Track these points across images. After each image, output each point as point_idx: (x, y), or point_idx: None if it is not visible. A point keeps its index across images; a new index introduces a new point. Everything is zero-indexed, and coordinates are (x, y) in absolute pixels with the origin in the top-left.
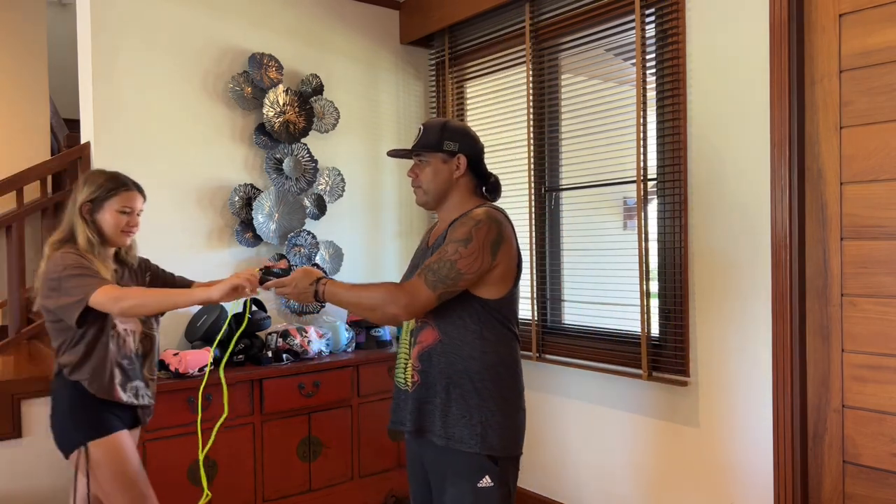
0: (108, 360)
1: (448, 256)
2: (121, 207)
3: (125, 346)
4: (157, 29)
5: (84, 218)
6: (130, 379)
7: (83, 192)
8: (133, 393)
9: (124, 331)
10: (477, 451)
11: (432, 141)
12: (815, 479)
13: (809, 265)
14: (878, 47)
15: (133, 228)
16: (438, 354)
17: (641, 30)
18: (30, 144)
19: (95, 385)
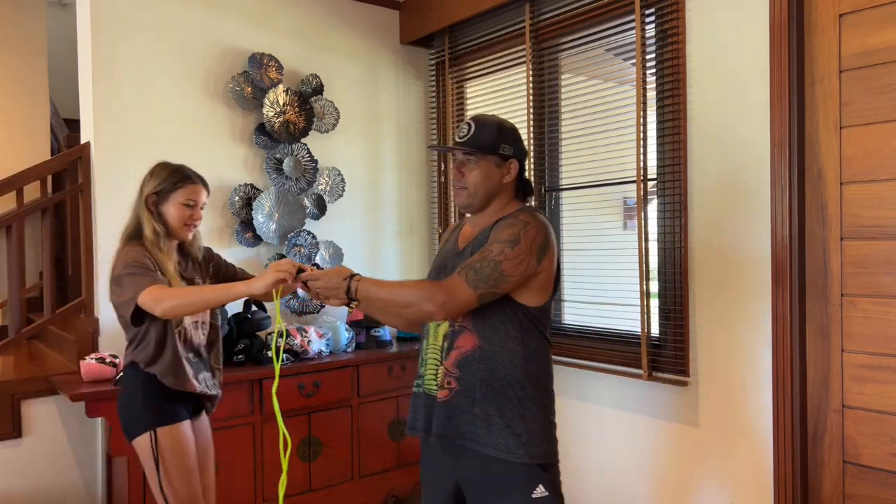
0: (179, 355)
1: (493, 256)
2: (185, 200)
3: (192, 340)
4: (157, 29)
5: (150, 210)
6: (198, 371)
7: (149, 184)
8: (204, 384)
9: (193, 324)
10: (527, 460)
11: (488, 141)
12: (815, 479)
13: (809, 265)
14: (878, 47)
15: (196, 221)
16: (478, 361)
17: (641, 30)
18: (30, 144)
19: (169, 378)
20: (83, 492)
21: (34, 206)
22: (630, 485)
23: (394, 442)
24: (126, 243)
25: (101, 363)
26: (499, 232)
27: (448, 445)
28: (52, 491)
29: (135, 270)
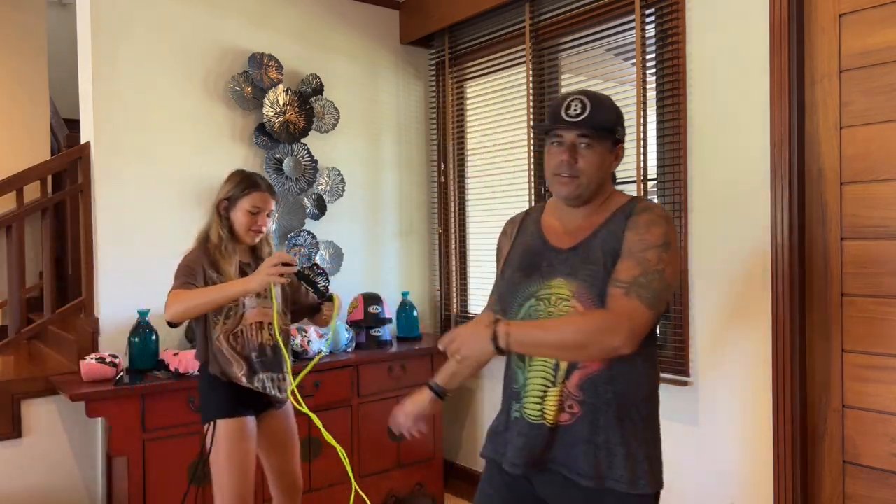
0: (225, 353)
1: (655, 266)
2: (250, 207)
3: (253, 340)
4: (158, 29)
5: (220, 214)
6: (256, 372)
7: (222, 189)
8: (260, 385)
9: (256, 325)
10: (649, 490)
11: (607, 122)
12: (815, 479)
13: (809, 265)
14: (878, 47)
15: (260, 228)
16: (605, 382)
17: (641, 30)
18: (30, 144)
19: (222, 373)
20: (83, 492)
21: (34, 206)
22: None
23: (394, 442)
24: (194, 245)
25: (101, 363)
26: (643, 233)
27: (548, 476)
28: (52, 491)
29: (179, 273)
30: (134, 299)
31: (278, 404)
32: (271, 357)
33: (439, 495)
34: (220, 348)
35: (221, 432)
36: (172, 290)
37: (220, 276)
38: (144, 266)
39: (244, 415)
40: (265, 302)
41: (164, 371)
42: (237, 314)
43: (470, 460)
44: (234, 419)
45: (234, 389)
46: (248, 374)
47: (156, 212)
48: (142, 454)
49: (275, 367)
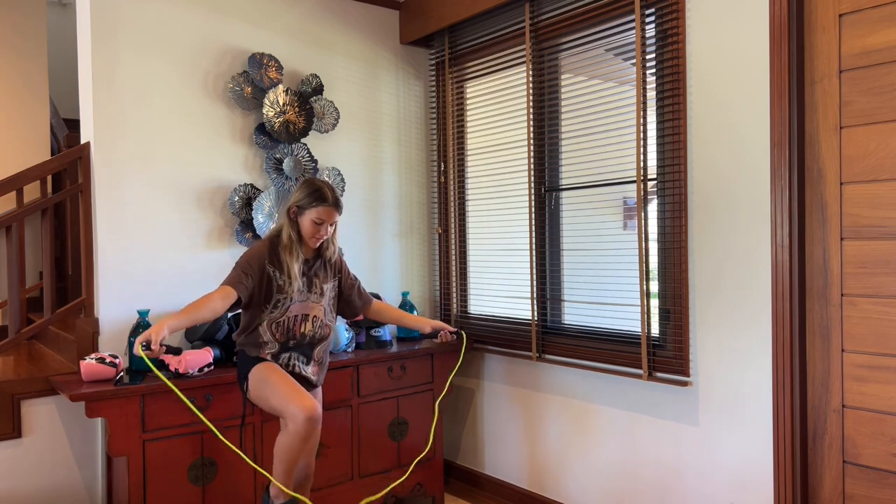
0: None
1: None
2: (316, 218)
3: (296, 330)
4: (158, 29)
5: (290, 218)
6: (292, 354)
7: (295, 195)
8: (284, 362)
9: (301, 316)
10: None
11: None
12: (815, 479)
13: (809, 265)
14: (878, 47)
15: (322, 237)
16: None
17: (641, 30)
18: (30, 144)
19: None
20: (83, 492)
21: (34, 206)
22: (630, 485)
23: (394, 442)
24: (265, 238)
25: (101, 363)
26: None
27: None
28: (52, 491)
29: (235, 266)
30: (134, 299)
31: (311, 385)
32: (307, 346)
33: (439, 495)
34: (261, 333)
35: (257, 374)
36: (223, 283)
37: (282, 272)
38: (144, 266)
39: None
40: (312, 296)
41: (165, 371)
42: (284, 306)
43: (470, 460)
44: (265, 362)
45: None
46: (276, 353)
47: (156, 212)
48: (142, 454)
49: (304, 350)
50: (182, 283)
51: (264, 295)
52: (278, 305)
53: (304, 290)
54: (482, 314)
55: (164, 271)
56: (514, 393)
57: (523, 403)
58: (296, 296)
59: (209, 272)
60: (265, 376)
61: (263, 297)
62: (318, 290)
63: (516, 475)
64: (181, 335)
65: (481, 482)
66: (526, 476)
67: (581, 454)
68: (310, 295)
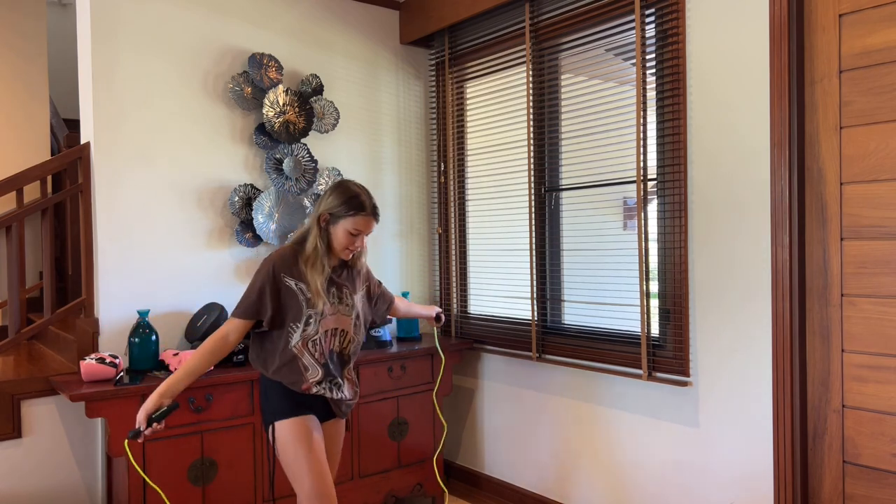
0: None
1: None
2: (352, 228)
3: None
4: (157, 29)
5: (319, 226)
6: (329, 376)
7: (327, 201)
8: (325, 388)
9: (326, 332)
10: None
11: None
12: (815, 479)
13: (809, 265)
14: (878, 47)
15: (356, 250)
16: None
17: (641, 30)
18: (30, 144)
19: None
20: (83, 492)
21: (34, 207)
22: (630, 485)
23: (394, 442)
24: (290, 243)
25: (101, 363)
26: None
27: None
28: (52, 491)
29: (243, 296)
30: (134, 299)
31: (340, 412)
32: (337, 363)
33: (439, 495)
34: (296, 356)
35: (286, 432)
36: (230, 317)
37: (306, 285)
38: (144, 266)
39: (306, 414)
40: (342, 308)
41: (164, 371)
42: (317, 321)
43: (470, 460)
44: (297, 418)
45: (294, 392)
46: (321, 379)
47: (156, 212)
48: (142, 454)
49: (340, 374)
50: (182, 284)
51: (292, 312)
52: (311, 322)
53: (334, 303)
54: (482, 314)
55: (164, 271)
56: (514, 393)
57: (523, 403)
58: (327, 309)
59: (209, 272)
60: (293, 441)
61: (291, 314)
62: (349, 301)
63: (516, 475)
64: (181, 336)
65: (481, 482)
66: (526, 476)
67: (581, 454)
68: (340, 307)
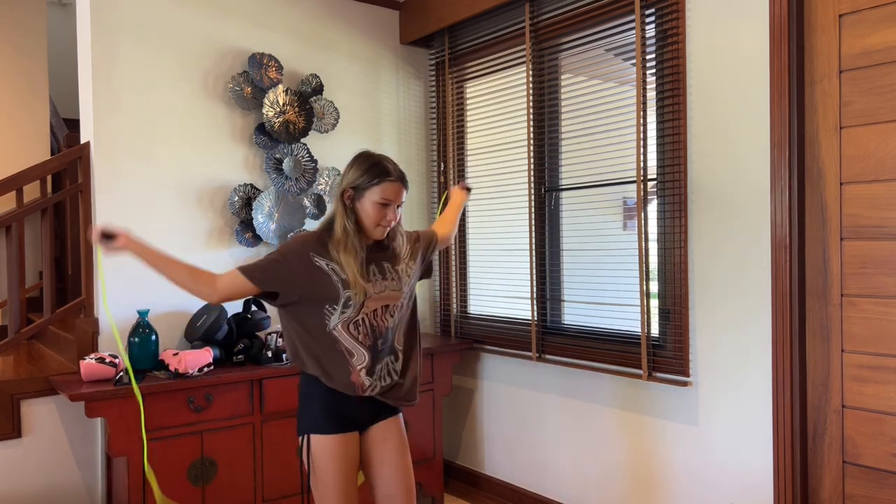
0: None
1: None
2: (381, 199)
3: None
4: (157, 29)
5: (344, 205)
6: (378, 360)
7: (347, 176)
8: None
9: (374, 312)
10: None
11: None
12: (815, 479)
13: (809, 265)
14: (877, 47)
15: (390, 223)
16: None
17: (641, 30)
18: (30, 144)
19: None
20: (83, 492)
21: (34, 206)
22: (630, 484)
23: None
24: (318, 228)
25: (100, 363)
26: None
27: None
28: (52, 491)
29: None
30: (134, 299)
31: (386, 414)
32: (390, 342)
33: (439, 495)
34: (336, 339)
35: (321, 451)
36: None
37: (339, 266)
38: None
39: (345, 430)
40: (389, 284)
41: (164, 371)
42: (358, 303)
43: (470, 460)
44: (332, 437)
45: (336, 398)
46: (369, 366)
47: (155, 212)
48: (142, 454)
49: (392, 347)
50: None
51: (327, 293)
52: (350, 304)
53: (377, 281)
54: (482, 314)
55: None
56: (514, 393)
57: (523, 403)
58: (369, 288)
59: None
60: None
61: (325, 295)
62: (393, 275)
63: (516, 475)
64: (181, 336)
65: (481, 482)
66: (526, 476)
67: (581, 454)
68: (386, 283)
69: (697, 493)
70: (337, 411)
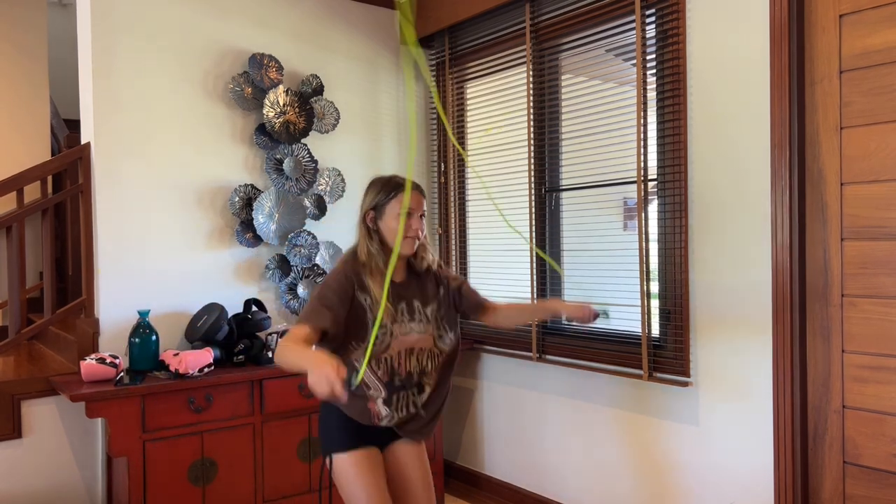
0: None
1: None
2: (400, 210)
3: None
4: (158, 29)
5: (367, 227)
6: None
7: (366, 201)
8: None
9: (399, 353)
10: None
11: None
12: (816, 479)
13: (809, 265)
14: (877, 48)
15: (416, 233)
16: None
17: (642, 30)
18: (30, 145)
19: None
20: (83, 492)
21: (34, 207)
22: (630, 485)
23: None
24: (343, 259)
25: (101, 364)
26: None
27: None
28: (52, 491)
29: (311, 299)
30: (134, 300)
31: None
32: (417, 380)
33: (439, 496)
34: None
35: (345, 468)
36: (296, 323)
37: (369, 297)
38: (145, 266)
39: (365, 445)
40: (416, 326)
41: (165, 371)
42: (384, 342)
43: (470, 460)
44: (353, 452)
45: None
46: (386, 398)
47: (156, 212)
48: (142, 455)
49: (414, 385)
50: (182, 284)
51: (357, 330)
52: (376, 343)
53: (403, 321)
54: None
55: (164, 272)
56: (514, 393)
57: (523, 403)
58: (395, 329)
59: (209, 272)
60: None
61: (355, 331)
62: (423, 315)
63: (516, 475)
64: (181, 337)
65: (481, 482)
66: (526, 476)
67: (581, 454)
68: (412, 325)
69: (697, 493)
70: (356, 430)
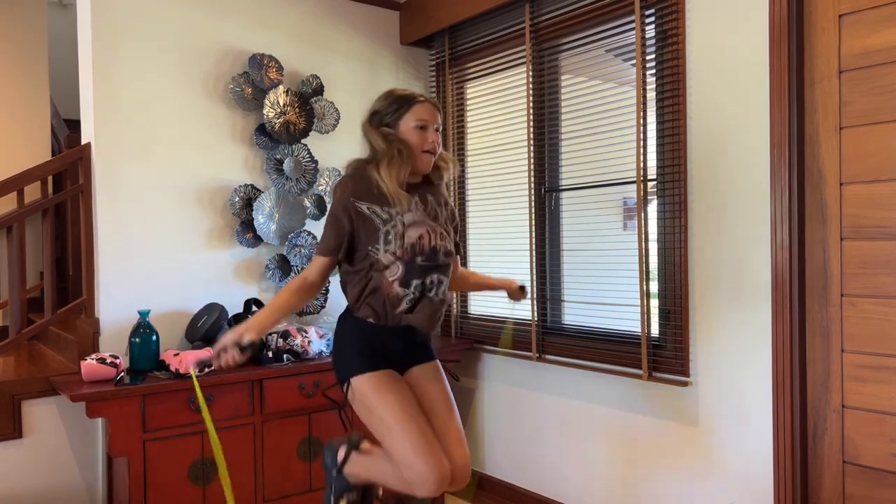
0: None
1: None
2: (416, 122)
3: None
4: (158, 29)
5: (372, 125)
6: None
7: (376, 112)
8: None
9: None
10: None
11: None
12: (815, 479)
13: (809, 265)
14: (877, 48)
15: (433, 144)
16: None
17: (641, 30)
18: (30, 145)
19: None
20: (83, 492)
21: (35, 207)
22: (630, 485)
23: None
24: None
25: (101, 363)
26: None
27: None
28: (53, 491)
29: (327, 224)
30: (134, 300)
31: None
32: (441, 261)
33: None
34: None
35: (367, 388)
36: (316, 256)
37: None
38: (145, 266)
39: (379, 368)
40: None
41: (165, 371)
42: (397, 235)
43: (470, 460)
44: (376, 372)
45: (366, 338)
46: (403, 278)
47: (156, 212)
48: (142, 455)
49: (440, 269)
50: (182, 284)
51: (369, 237)
52: (390, 238)
53: (418, 210)
54: (482, 314)
55: (164, 271)
56: (514, 393)
57: (523, 403)
58: (406, 217)
59: (210, 272)
60: (377, 395)
61: (367, 239)
62: (434, 212)
63: (516, 475)
64: (182, 336)
65: (481, 482)
66: (526, 476)
67: (581, 454)
68: (426, 216)
69: (697, 493)
70: (373, 350)
